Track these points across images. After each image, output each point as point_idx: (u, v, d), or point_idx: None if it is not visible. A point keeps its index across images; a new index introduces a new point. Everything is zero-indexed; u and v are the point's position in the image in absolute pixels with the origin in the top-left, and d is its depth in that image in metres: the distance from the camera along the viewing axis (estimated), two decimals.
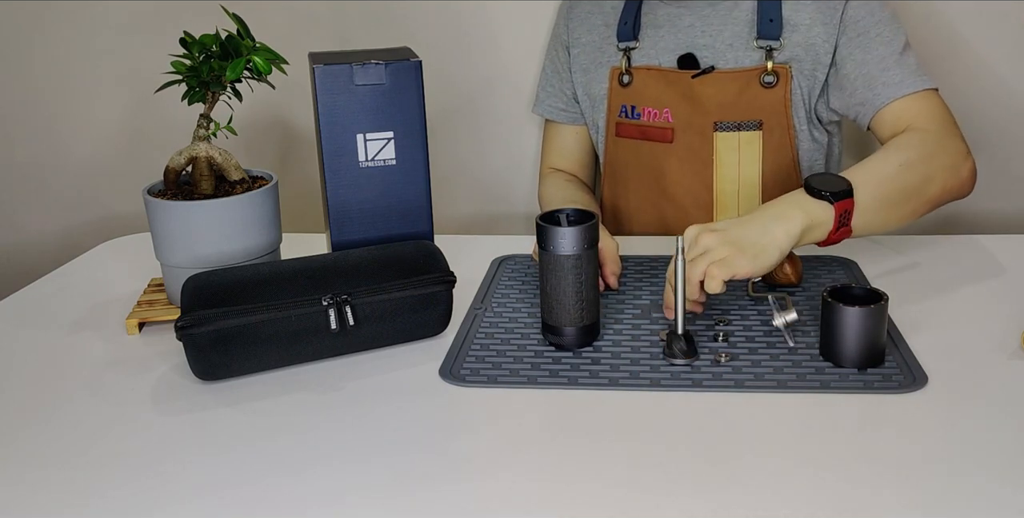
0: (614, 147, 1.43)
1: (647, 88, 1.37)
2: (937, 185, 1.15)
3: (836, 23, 1.28)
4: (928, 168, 1.14)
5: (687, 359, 0.94)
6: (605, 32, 1.42)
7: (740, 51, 1.32)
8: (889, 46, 1.26)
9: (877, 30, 1.27)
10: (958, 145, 1.20)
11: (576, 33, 1.45)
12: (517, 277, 1.18)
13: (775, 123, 1.32)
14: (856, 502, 0.73)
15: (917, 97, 1.24)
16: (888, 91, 1.24)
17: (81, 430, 0.87)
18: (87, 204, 1.82)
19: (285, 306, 0.93)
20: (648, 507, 0.73)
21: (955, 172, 1.18)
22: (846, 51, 1.28)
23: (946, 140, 1.20)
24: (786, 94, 1.31)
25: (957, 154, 1.19)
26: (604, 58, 1.42)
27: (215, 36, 1.05)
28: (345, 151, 1.07)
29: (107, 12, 1.69)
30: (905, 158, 1.13)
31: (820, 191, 1.03)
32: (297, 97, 1.59)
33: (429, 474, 0.78)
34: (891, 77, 1.25)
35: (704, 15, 1.34)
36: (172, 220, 1.05)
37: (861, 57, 1.27)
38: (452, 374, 0.94)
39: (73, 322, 1.11)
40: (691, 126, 1.34)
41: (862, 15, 1.27)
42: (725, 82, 1.32)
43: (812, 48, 1.29)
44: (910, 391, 0.88)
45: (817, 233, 1.03)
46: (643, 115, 1.38)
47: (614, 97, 1.41)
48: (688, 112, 1.34)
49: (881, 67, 1.26)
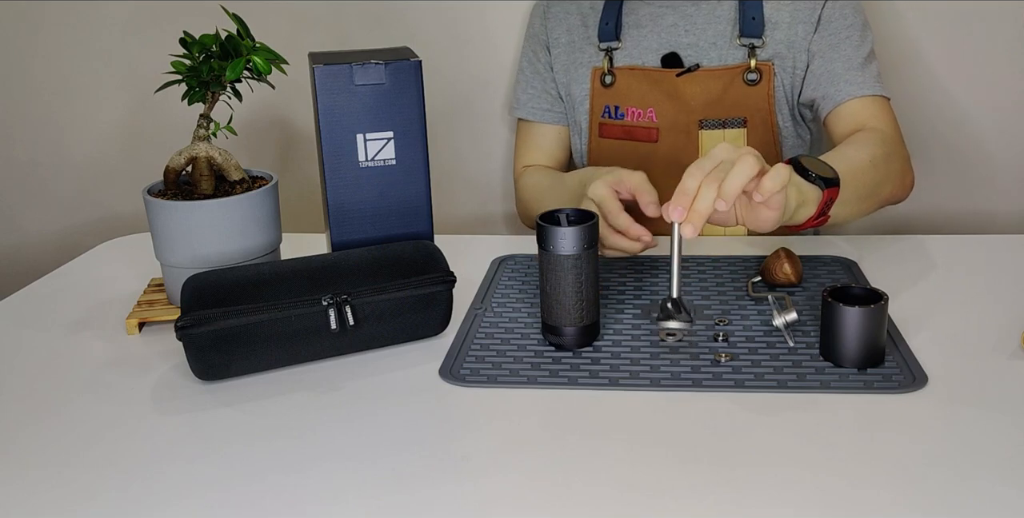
0: (597, 148, 1.43)
1: (631, 88, 1.38)
2: (888, 187, 1.20)
3: (814, 21, 1.33)
4: (887, 169, 1.20)
5: (682, 324, 0.92)
6: (584, 32, 1.42)
7: (723, 49, 1.34)
8: (857, 50, 1.32)
9: (848, 32, 1.32)
10: (905, 153, 1.29)
11: (555, 33, 1.45)
12: (517, 277, 1.18)
13: (759, 120, 1.34)
14: (856, 502, 0.73)
15: (874, 101, 1.31)
16: (849, 89, 1.30)
17: (81, 430, 0.87)
18: (87, 204, 1.82)
19: (285, 306, 0.93)
20: (648, 507, 0.73)
21: (902, 178, 1.25)
22: (816, 48, 1.33)
23: (898, 147, 1.27)
24: (769, 91, 1.34)
25: (905, 161, 1.28)
26: (584, 58, 1.42)
27: (215, 36, 1.05)
28: (345, 151, 1.07)
29: (107, 12, 1.69)
30: (873, 155, 1.17)
31: (811, 174, 1.02)
32: (297, 97, 1.59)
33: (429, 474, 0.78)
34: (854, 77, 1.31)
35: (687, 14, 1.35)
36: (172, 220, 1.05)
37: (830, 54, 1.32)
38: (452, 374, 0.94)
39: (73, 322, 1.11)
40: (676, 125, 1.35)
41: (837, 17, 1.32)
42: (709, 80, 1.33)
43: (792, 46, 1.33)
44: (910, 391, 0.88)
45: (801, 213, 1.01)
46: (627, 115, 1.38)
47: (596, 98, 1.41)
48: (673, 111, 1.35)
49: (846, 66, 1.31)
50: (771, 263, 1.11)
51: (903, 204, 1.64)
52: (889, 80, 1.45)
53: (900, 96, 1.53)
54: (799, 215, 1.01)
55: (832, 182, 1.03)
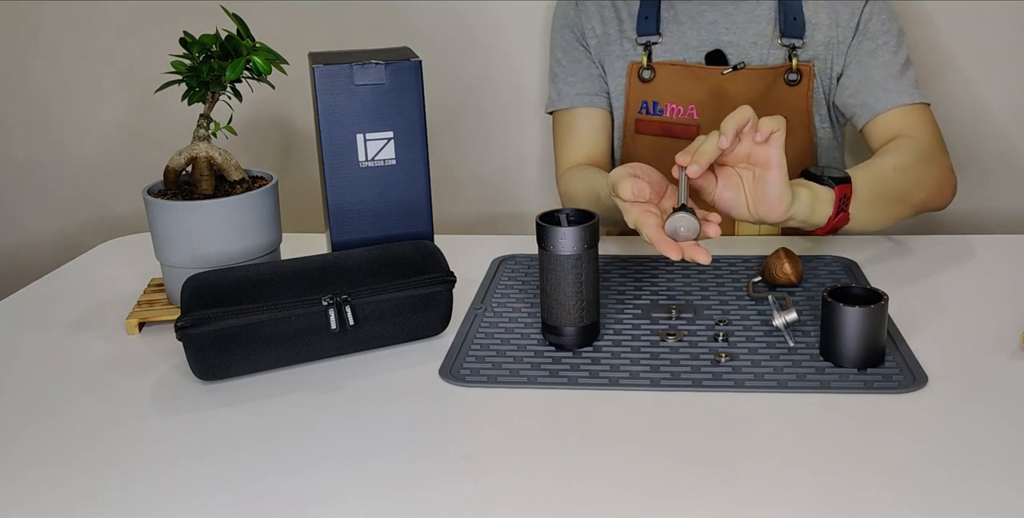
0: (632, 144, 1.40)
1: (672, 84, 1.35)
2: (923, 192, 1.19)
3: (853, 25, 1.31)
4: (919, 174, 1.19)
5: (689, 222, 0.92)
6: (618, 25, 1.40)
7: (764, 49, 1.33)
8: (895, 56, 1.31)
9: (886, 39, 1.31)
10: (946, 160, 1.26)
11: (589, 24, 1.41)
12: (517, 277, 1.18)
13: (797, 121, 1.34)
14: (856, 502, 0.73)
15: (914, 108, 1.29)
16: (889, 97, 1.29)
17: (81, 430, 0.87)
18: (87, 204, 1.82)
19: (285, 306, 0.93)
20: (648, 507, 0.73)
21: (940, 184, 1.23)
22: (854, 53, 1.32)
23: (937, 153, 1.25)
24: (808, 92, 1.33)
25: (945, 168, 1.25)
26: (620, 52, 1.39)
27: (215, 36, 1.05)
28: (345, 151, 1.07)
29: (107, 12, 1.69)
30: (899, 162, 1.17)
31: (819, 176, 1.05)
32: (297, 97, 1.59)
33: (429, 474, 0.78)
34: (893, 85, 1.29)
35: (727, 12, 1.35)
36: (172, 220, 1.05)
37: (867, 61, 1.31)
38: (452, 374, 0.94)
39: (73, 322, 1.11)
40: (717, 123, 1.33)
41: (876, 22, 1.31)
42: (754, 79, 1.32)
43: (832, 47, 1.33)
44: (910, 391, 0.88)
45: (820, 212, 1.03)
46: (666, 111, 1.36)
47: (632, 93, 1.38)
48: (715, 109, 1.33)
49: (885, 74, 1.30)
50: (771, 263, 1.11)
51: None
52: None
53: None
54: (818, 215, 1.03)
55: (842, 180, 1.04)
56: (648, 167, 1.01)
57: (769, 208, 0.98)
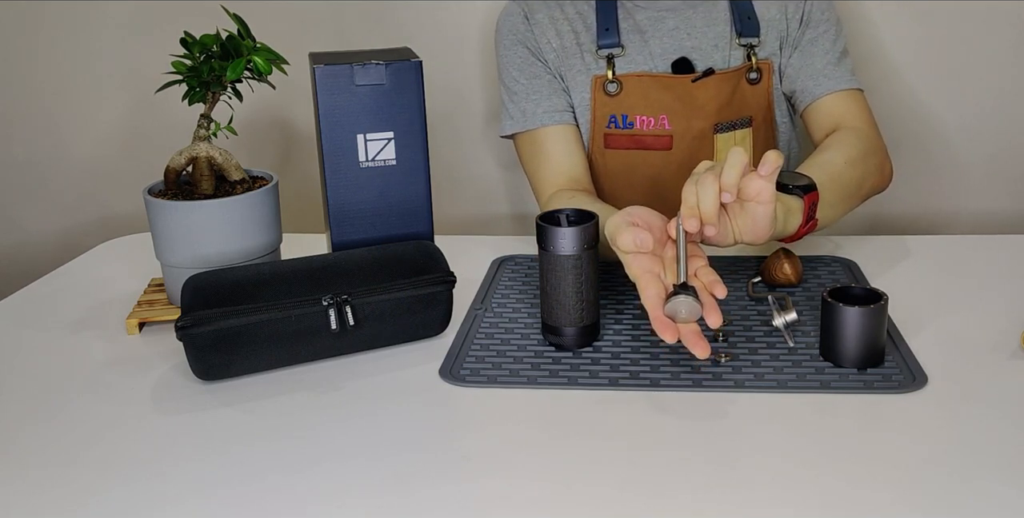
0: (601, 159, 1.35)
1: (641, 96, 1.32)
2: (869, 182, 1.23)
3: (799, 18, 1.35)
4: (866, 166, 1.22)
5: (691, 307, 0.88)
6: (575, 38, 1.35)
7: (725, 51, 1.34)
8: (834, 45, 1.35)
9: (826, 27, 1.35)
10: (882, 144, 1.31)
11: (545, 38, 1.35)
12: (517, 277, 1.18)
13: (762, 119, 1.36)
14: (856, 502, 0.73)
15: (850, 94, 1.33)
16: (828, 83, 1.33)
17: (81, 430, 0.87)
18: (87, 204, 1.82)
19: (285, 306, 0.93)
20: (648, 507, 0.73)
21: (881, 170, 1.27)
22: (798, 42, 1.35)
23: (876, 140, 1.29)
24: (769, 89, 1.36)
25: (884, 154, 1.30)
26: (582, 65, 1.34)
27: (215, 36, 1.05)
28: (345, 151, 1.07)
29: (107, 12, 1.69)
30: (848, 156, 1.20)
31: (787, 187, 1.06)
32: (297, 97, 1.59)
33: (429, 474, 0.78)
34: (832, 72, 1.33)
35: (686, 17, 1.34)
36: (172, 220, 1.05)
37: (809, 49, 1.35)
38: (452, 374, 0.94)
39: (73, 322, 1.11)
40: (690, 131, 1.33)
41: (818, 12, 1.35)
42: (721, 83, 1.33)
43: (783, 43, 1.36)
44: (910, 391, 0.88)
45: (792, 223, 1.04)
46: (636, 124, 1.33)
47: (599, 107, 1.33)
48: (687, 117, 1.32)
49: (824, 61, 1.34)
50: (771, 263, 1.11)
51: (900, 204, 1.64)
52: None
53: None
54: (789, 225, 1.04)
55: (809, 187, 1.06)
56: (645, 210, 0.98)
57: (756, 236, 0.98)
